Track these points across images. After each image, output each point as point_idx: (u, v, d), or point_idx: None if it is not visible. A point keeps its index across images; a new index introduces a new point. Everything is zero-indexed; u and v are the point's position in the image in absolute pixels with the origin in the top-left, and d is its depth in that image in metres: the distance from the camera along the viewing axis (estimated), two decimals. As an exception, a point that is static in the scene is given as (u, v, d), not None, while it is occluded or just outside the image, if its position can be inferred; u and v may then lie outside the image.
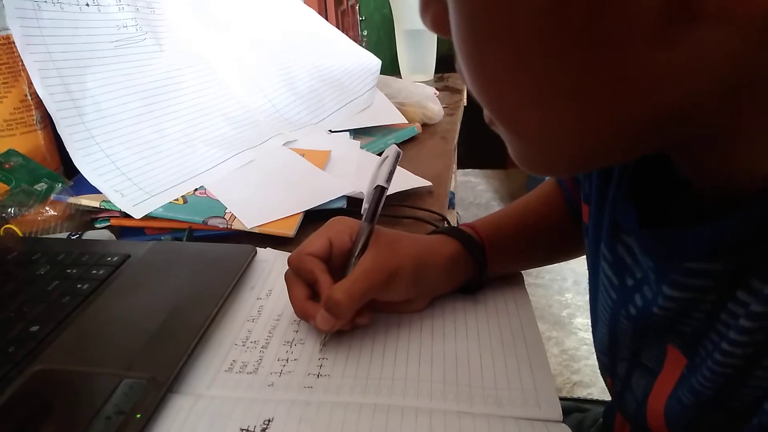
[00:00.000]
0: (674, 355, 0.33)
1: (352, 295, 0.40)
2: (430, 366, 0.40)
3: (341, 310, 0.39)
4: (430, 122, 1.00)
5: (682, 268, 0.29)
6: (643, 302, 0.34)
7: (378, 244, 0.43)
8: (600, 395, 1.64)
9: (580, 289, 2.11)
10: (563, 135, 0.26)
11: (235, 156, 0.72)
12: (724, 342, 0.27)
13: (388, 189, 0.44)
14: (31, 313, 0.43)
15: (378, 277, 0.41)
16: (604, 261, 0.38)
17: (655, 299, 0.32)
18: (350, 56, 1.01)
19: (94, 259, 0.50)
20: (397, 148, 0.45)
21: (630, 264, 0.35)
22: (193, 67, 0.79)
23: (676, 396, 0.32)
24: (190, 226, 0.60)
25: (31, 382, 0.36)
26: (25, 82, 0.63)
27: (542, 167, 0.30)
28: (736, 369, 0.27)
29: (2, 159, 0.61)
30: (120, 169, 0.63)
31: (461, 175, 3.18)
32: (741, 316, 0.26)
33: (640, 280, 0.34)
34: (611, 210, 0.37)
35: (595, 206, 0.40)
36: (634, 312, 0.35)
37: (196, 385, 0.38)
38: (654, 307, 0.32)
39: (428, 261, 0.45)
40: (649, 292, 0.33)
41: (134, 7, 0.73)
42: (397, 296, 0.44)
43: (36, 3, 0.61)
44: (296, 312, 0.43)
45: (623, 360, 0.39)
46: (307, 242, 0.43)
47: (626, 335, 0.37)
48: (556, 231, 0.54)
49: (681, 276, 0.30)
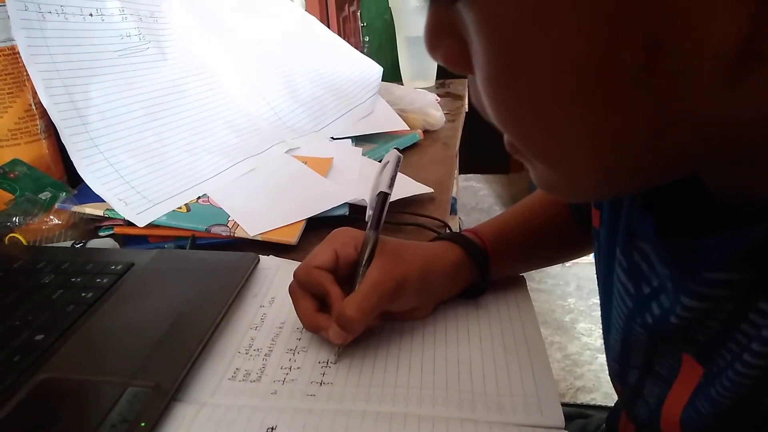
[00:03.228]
0: (689, 363, 0.32)
1: (364, 311, 0.40)
2: (433, 373, 0.40)
3: (354, 326, 0.40)
4: (432, 129, 1.00)
5: (701, 277, 0.29)
6: (660, 311, 0.33)
7: (384, 253, 0.43)
8: (603, 400, 1.64)
9: (583, 293, 2.11)
10: (599, 167, 0.25)
11: (237, 164, 0.73)
12: (746, 353, 0.27)
13: (390, 195, 0.44)
14: (36, 322, 0.43)
15: (387, 289, 0.41)
16: (619, 267, 0.38)
17: (673, 308, 0.31)
18: (352, 63, 1.01)
19: (98, 267, 0.51)
20: (398, 152, 0.45)
21: (646, 271, 0.35)
22: (196, 75, 0.79)
23: (693, 405, 0.32)
24: (193, 234, 0.60)
25: (36, 391, 0.36)
26: (30, 92, 0.64)
27: (567, 194, 0.30)
28: (757, 380, 0.27)
29: (7, 168, 0.62)
30: (123, 177, 0.63)
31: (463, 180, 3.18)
32: (763, 327, 0.26)
33: (656, 288, 0.34)
34: (627, 218, 0.37)
35: (608, 212, 0.40)
36: (651, 321, 0.34)
37: (199, 394, 0.38)
38: (672, 317, 0.31)
39: (433, 269, 0.45)
40: (667, 301, 0.32)
41: (137, 16, 0.73)
42: (404, 306, 0.44)
43: (41, 14, 0.61)
44: (306, 325, 0.43)
45: (635, 368, 0.38)
46: (313, 255, 0.43)
47: (640, 343, 0.36)
48: (559, 232, 0.54)
49: (700, 286, 0.29)
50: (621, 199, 0.38)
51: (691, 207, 0.32)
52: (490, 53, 0.23)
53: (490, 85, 0.24)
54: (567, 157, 0.26)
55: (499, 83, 0.24)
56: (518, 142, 0.27)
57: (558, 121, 0.24)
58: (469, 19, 0.23)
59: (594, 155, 0.25)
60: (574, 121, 0.23)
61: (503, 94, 0.24)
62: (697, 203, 0.32)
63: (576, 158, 0.25)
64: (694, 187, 0.31)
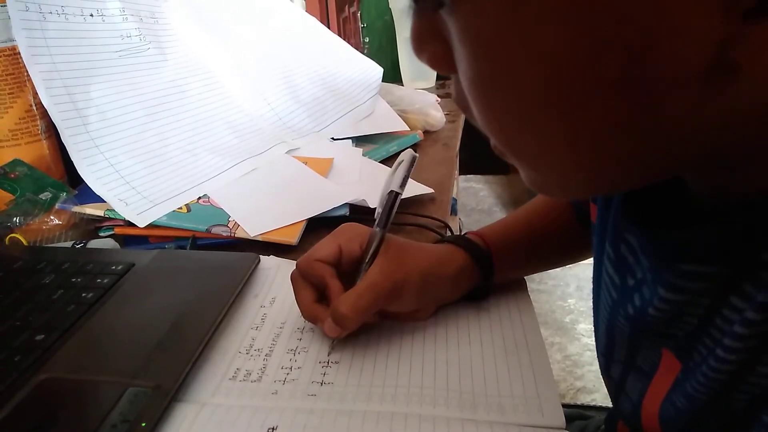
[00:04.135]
0: (668, 358, 0.33)
1: (357, 310, 0.40)
2: (434, 373, 0.40)
3: (347, 324, 0.41)
4: (432, 129, 1.00)
5: (677, 269, 0.30)
6: (641, 302, 0.34)
7: (387, 253, 0.43)
8: (603, 401, 1.64)
9: (583, 294, 2.10)
10: (583, 170, 0.26)
11: (238, 164, 0.73)
12: (719, 348, 0.27)
13: (402, 194, 0.44)
14: (37, 322, 0.43)
15: (383, 290, 0.41)
16: (607, 260, 0.39)
17: (651, 300, 0.32)
18: (352, 64, 1.01)
19: (99, 267, 0.51)
20: (413, 152, 0.45)
21: (632, 263, 0.36)
22: (196, 76, 0.79)
23: (670, 400, 0.32)
24: (194, 235, 0.60)
25: (37, 391, 0.36)
26: (31, 93, 0.64)
27: (556, 193, 0.31)
28: (730, 375, 0.27)
29: (8, 169, 0.62)
30: (124, 178, 0.63)
31: (463, 180, 3.18)
32: (735, 322, 0.26)
33: (639, 281, 0.34)
34: (615, 210, 0.37)
35: (601, 205, 0.40)
36: (632, 312, 0.35)
37: (200, 394, 0.38)
38: (650, 308, 0.32)
39: (436, 273, 0.45)
40: (648, 292, 0.33)
41: (138, 17, 0.73)
42: (403, 307, 0.44)
43: (41, 14, 0.61)
44: (304, 314, 0.44)
45: (618, 361, 0.39)
46: (317, 247, 0.44)
47: (623, 336, 0.37)
48: (563, 235, 0.54)
49: (675, 277, 0.30)
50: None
51: (672, 201, 0.33)
52: (472, 60, 0.24)
53: (474, 90, 0.25)
54: (550, 160, 0.26)
55: (481, 88, 0.25)
56: (502, 145, 0.27)
57: (540, 126, 0.24)
58: (451, 26, 0.24)
59: (577, 159, 0.25)
60: (555, 127, 0.24)
61: (486, 99, 0.25)
62: (676, 198, 0.32)
63: (559, 161, 0.26)
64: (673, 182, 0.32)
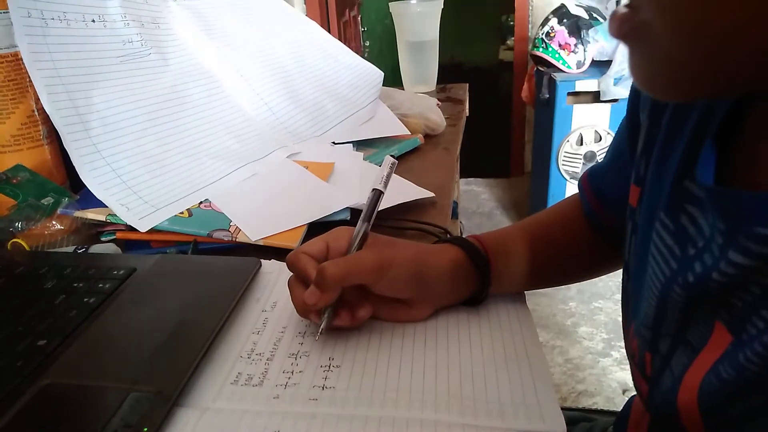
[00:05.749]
0: (720, 332, 0.32)
1: (338, 264, 0.41)
2: (435, 378, 0.40)
3: (327, 282, 0.41)
4: (433, 133, 1.00)
5: (752, 232, 0.29)
6: (702, 269, 0.33)
7: (376, 240, 0.45)
8: (605, 405, 1.63)
9: (584, 297, 2.10)
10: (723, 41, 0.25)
11: (239, 169, 0.73)
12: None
13: (384, 192, 0.46)
14: (39, 327, 0.43)
15: (370, 262, 0.42)
16: (664, 231, 0.38)
17: (717, 264, 0.31)
18: (353, 68, 1.02)
19: (101, 272, 0.51)
20: (392, 158, 0.48)
21: (693, 234, 0.35)
22: (198, 80, 0.79)
23: (715, 371, 0.32)
24: (195, 239, 0.60)
25: (39, 397, 0.37)
26: (33, 98, 0.64)
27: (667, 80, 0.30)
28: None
29: (10, 174, 0.62)
30: (126, 183, 0.64)
31: (464, 184, 3.19)
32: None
33: (701, 249, 0.34)
34: (677, 175, 0.37)
35: (652, 181, 0.40)
36: (692, 279, 0.34)
37: (202, 398, 0.38)
38: (714, 273, 0.32)
39: (429, 261, 0.45)
40: (710, 258, 0.32)
41: (139, 22, 0.74)
42: (395, 290, 0.44)
43: (43, 20, 0.61)
44: (297, 310, 0.44)
45: (667, 335, 0.38)
46: (305, 244, 0.45)
47: (676, 308, 0.36)
48: (573, 247, 0.53)
49: (750, 241, 0.29)
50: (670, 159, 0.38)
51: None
52: None
53: None
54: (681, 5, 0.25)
55: None
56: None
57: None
58: None
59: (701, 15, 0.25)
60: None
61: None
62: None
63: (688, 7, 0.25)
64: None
